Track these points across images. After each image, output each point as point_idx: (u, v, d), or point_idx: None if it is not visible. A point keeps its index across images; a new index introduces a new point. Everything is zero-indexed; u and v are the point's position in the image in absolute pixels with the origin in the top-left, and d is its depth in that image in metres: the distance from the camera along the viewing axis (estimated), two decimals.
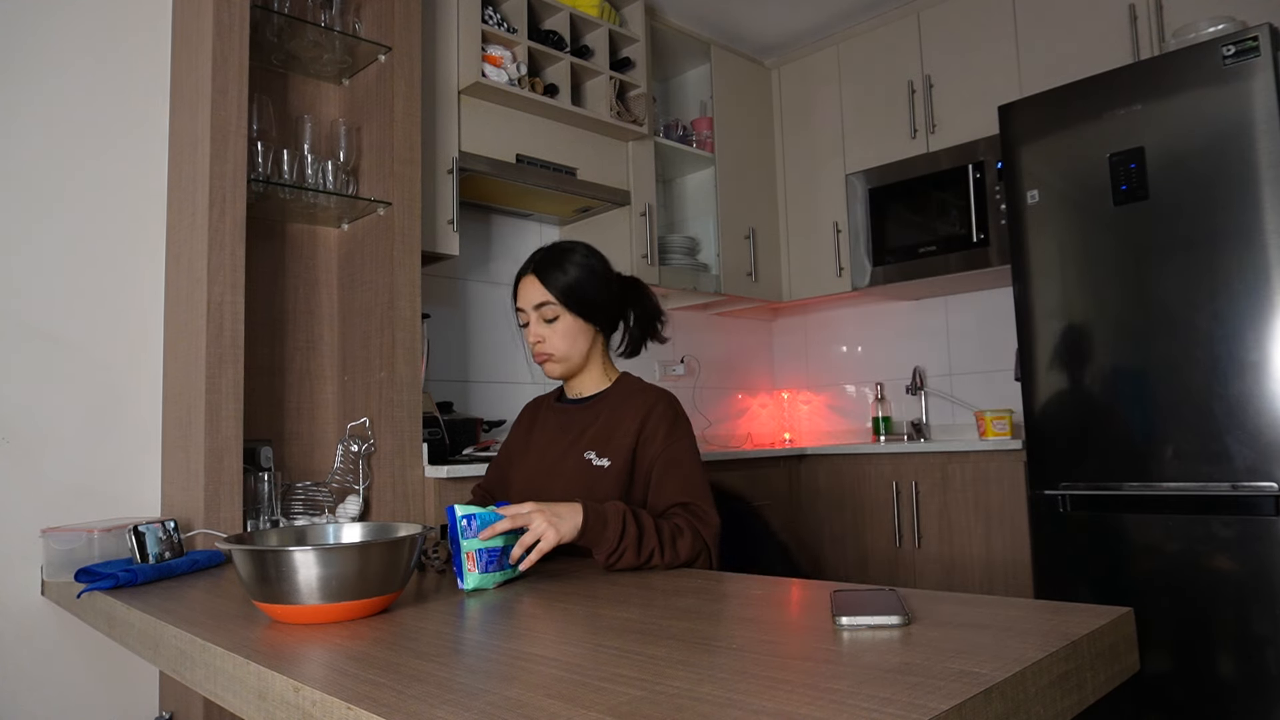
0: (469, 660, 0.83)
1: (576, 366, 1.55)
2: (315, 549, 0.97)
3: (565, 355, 1.52)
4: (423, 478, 2.12)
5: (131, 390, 1.96)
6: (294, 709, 0.77)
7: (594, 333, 1.54)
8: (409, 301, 2.13)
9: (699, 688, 0.68)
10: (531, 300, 1.51)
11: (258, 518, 1.89)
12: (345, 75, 2.32)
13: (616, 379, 1.58)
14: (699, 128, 3.44)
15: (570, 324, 1.50)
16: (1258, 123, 2.08)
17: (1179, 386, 2.16)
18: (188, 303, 1.86)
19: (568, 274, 1.50)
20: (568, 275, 1.50)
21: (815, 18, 3.49)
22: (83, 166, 1.94)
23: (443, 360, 2.81)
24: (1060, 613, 0.86)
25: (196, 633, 0.99)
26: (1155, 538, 2.19)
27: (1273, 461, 2.02)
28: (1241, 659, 2.04)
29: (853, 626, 0.84)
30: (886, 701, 0.62)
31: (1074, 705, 0.74)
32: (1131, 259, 2.26)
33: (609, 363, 1.60)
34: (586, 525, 1.24)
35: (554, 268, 1.50)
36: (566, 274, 1.50)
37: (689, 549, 1.32)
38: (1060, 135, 2.41)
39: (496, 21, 2.65)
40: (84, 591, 1.36)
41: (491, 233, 3.06)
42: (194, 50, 1.91)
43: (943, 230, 3.08)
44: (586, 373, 1.57)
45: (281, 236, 2.21)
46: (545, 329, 1.51)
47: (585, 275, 1.51)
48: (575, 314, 1.50)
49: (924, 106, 3.22)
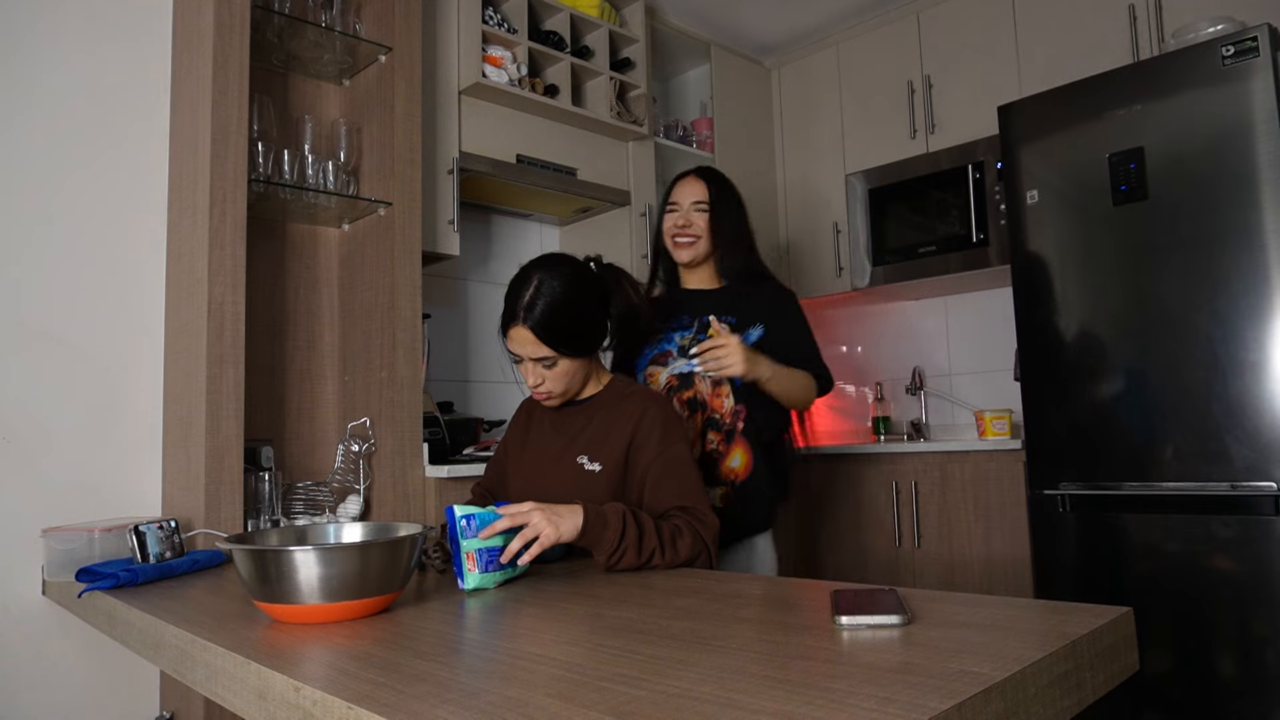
0: (469, 660, 0.83)
1: (576, 393, 1.56)
2: (315, 549, 0.97)
3: (565, 390, 1.52)
4: (423, 477, 2.12)
5: (132, 390, 1.96)
6: (294, 709, 0.77)
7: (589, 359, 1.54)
8: (409, 301, 2.13)
9: (699, 688, 0.68)
10: (528, 353, 1.46)
11: (258, 517, 1.89)
12: (346, 75, 2.32)
13: (608, 382, 1.59)
14: (699, 128, 3.44)
15: (568, 365, 1.49)
16: (1257, 123, 2.08)
17: (1179, 386, 2.16)
18: (188, 302, 1.87)
19: (560, 324, 1.44)
20: (561, 325, 1.44)
21: (815, 18, 3.49)
22: (83, 166, 1.94)
23: (443, 360, 2.81)
24: (1060, 613, 0.87)
25: (197, 632, 0.99)
26: (1155, 538, 2.19)
27: (1272, 461, 2.02)
28: (1241, 659, 2.04)
29: (853, 626, 0.84)
30: (886, 701, 0.62)
31: (1074, 705, 0.74)
32: (1131, 259, 2.26)
33: (600, 367, 1.60)
34: (587, 525, 1.24)
35: (545, 319, 1.43)
36: (559, 324, 1.44)
37: (689, 549, 1.33)
38: (1060, 135, 2.41)
39: (497, 22, 2.65)
40: (85, 591, 1.36)
41: (492, 233, 3.06)
42: (194, 50, 1.92)
43: (942, 230, 3.08)
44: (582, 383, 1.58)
45: (282, 236, 2.21)
46: (544, 373, 1.48)
47: (576, 316, 1.46)
48: (572, 357, 1.48)
49: (924, 107, 3.22)
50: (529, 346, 1.45)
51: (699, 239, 1.88)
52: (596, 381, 1.58)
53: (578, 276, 1.49)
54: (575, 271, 1.50)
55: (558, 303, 1.44)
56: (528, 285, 1.45)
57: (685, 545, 1.32)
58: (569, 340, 1.46)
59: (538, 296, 1.44)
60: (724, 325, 1.77)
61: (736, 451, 1.78)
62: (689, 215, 1.89)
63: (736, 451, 1.78)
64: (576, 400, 1.58)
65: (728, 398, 1.80)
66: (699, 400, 1.81)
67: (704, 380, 1.81)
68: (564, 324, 1.44)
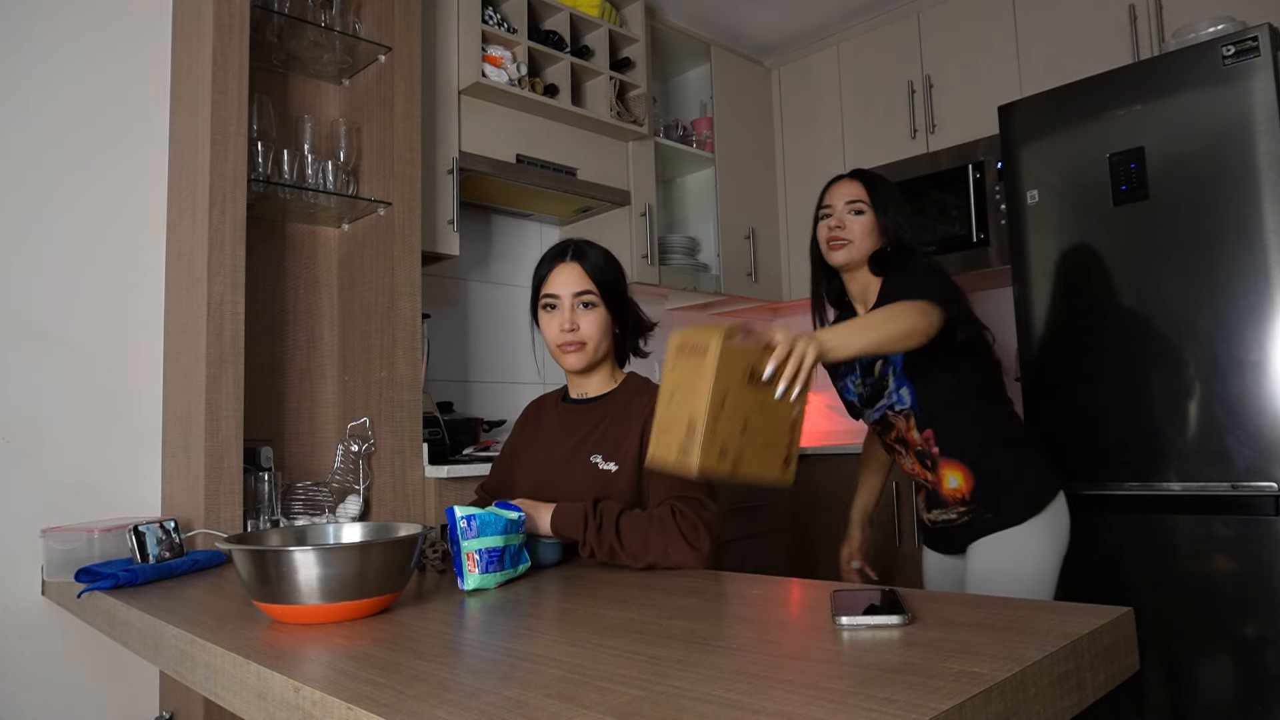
0: (469, 660, 0.83)
1: (597, 361, 1.55)
2: (315, 549, 0.97)
3: (596, 344, 1.52)
4: (423, 478, 2.12)
5: (131, 390, 1.96)
6: (294, 709, 0.77)
7: (614, 332, 1.55)
8: (409, 301, 2.13)
9: (699, 688, 0.68)
10: (572, 287, 1.50)
11: (258, 518, 1.89)
12: (345, 75, 2.32)
13: (623, 380, 1.58)
14: (699, 128, 3.44)
15: (603, 316, 1.51)
16: (1258, 123, 2.08)
17: (1179, 386, 2.16)
18: (188, 302, 1.87)
19: (607, 268, 1.53)
20: (607, 269, 1.53)
21: (815, 18, 3.49)
22: (83, 166, 1.94)
23: (443, 360, 2.81)
24: (1060, 613, 0.86)
25: (197, 633, 0.99)
26: (1155, 538, 2.19)
27: (1273, 461, 2.02)
28: (1241, 659, 2.04)
29: (853, 626, 0.84)
30: (886, 701, 0.62)
31: (1074, 705, 0.74)
32: (1131, 259, 2.26)
33: (616, 365, 1.60)
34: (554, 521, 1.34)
35: (593, 259, 1.52)
36: (605, 267, 1.53)
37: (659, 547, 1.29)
38: (1060, 135, 2.41)
39: (496, 21, 2.65)
40: (84, 591, 1.36)
41: (491, 233, 3.06)
42: (194, 50, 1.92)
43: (943, 230, 3.08)
44: (599, 371, 1.57)
45: (281, 236, 2.21)
46: (580, 316, 1.50)
47: (618, 273, 1.56)
48: (609, 308, 1.52)
49: (924, 106, 3.22)
50: (575, 280, 1.51)
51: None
52: (613, 378, 1.58)
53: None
54: None
55: (604, 253, 1.55)
56: (572, 242, 1.56)
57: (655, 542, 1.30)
58: (611, 286, 1.52)
59: (587, 245, 1.55)
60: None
61: (947, 474, 1.67)
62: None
63: (947, 474, 1.67)
64: (590, 397, 1.57)
65: (913, 430, 1.69)
66: (902, 438, 1.72)
67: (897, 415, 1.70)
68: (609, 271, 1.53)
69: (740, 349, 1.13)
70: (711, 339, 1.10)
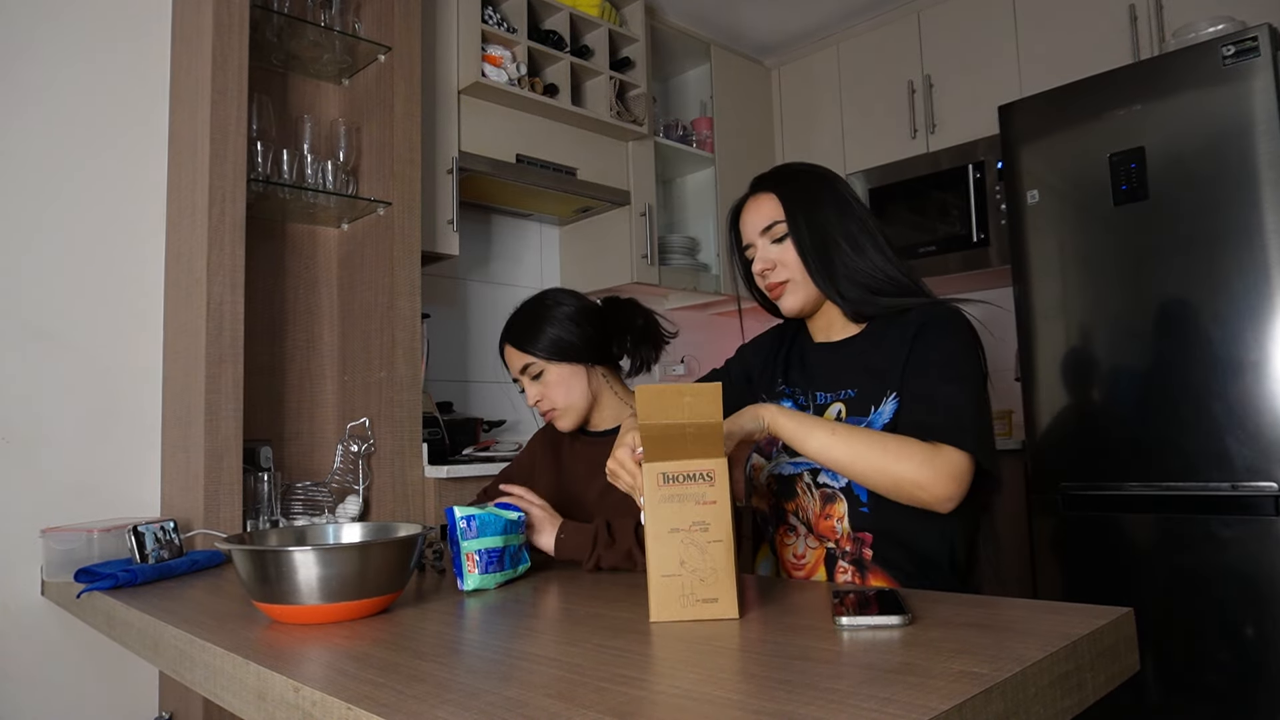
0: (469, 660, 0.83)
1: (584, 409, 1.54)
2: (315, 549, 0.97)
3: (567, 404, 1.52)
4: (423, 478, 2.12)
5: (131, 390, 1.96)
6: (294, 709, 0.77)
7: (585, 370, 1.53)
8: (409, 301, 2.13)
9: (699, 688, 0.68)
10: (516, 367, 1.54)
11: (257, 518, 1.89)
12: (345, 75, 2.32)
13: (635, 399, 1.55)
14: (699, 128, 3.44)
15: (557, 373, 1.51)
16: (1258, 123, 2.08)
17: (1179, 386, 2.16)
18: (187, 302, 1.86)
19: (538, 330, 1.51)
20: (538, 331, 1.51)
21: (815, 18, 3.49)
22: (83, 166, 1.94)
23: (443, 360, 2.81)
24: (1060, 613, 0.86)
25: (196, 633, 0.99)
26: (1155, 538, 2.19)
27: (1273, 461, 2.02)
28: (1241, 659, 2.04)
29: (853, 626, 0.84)
30: (887, 701, 0.62)
31: (1074, 705, 0.74)
32: (1131, 259, 2.26)
33: (622, 390, 1.59)
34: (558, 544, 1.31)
35: (524, 330, 1.53)
36: (537, 330, 1.52)
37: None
38: (1060, 135, 2.41)
39: (496, 21, 2.65)
40: (84, 591, 1.36)
41: (491, 233, 3.06)
42: (194, 50, 1.91)
43: (943, 230, 3.08)
44: (600, 408, 1.56)
45: (281, 236, 2.21)
46: (538, 387, 1.53)
47: (555, 323, 1.52)
48: (558, 361, 1.51)
49: (924, 106, 3.22)
50: (515, 360, 1.53)
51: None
52: (623, 405, 1.56)
53: (562, 293, 1.58)
54: (561, 291, 1.58)
55: (530, 309, 1.55)
56: (516, 309, 1.57)
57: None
58: (548, 345, 1.50)
59: (518, 315, 1.56)
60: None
61: (871, 579, 1.18)
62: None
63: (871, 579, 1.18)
64: (605, 430, 1.56)
65: (840, 520, 1.20)
66: (804, 519, 1.24)
67: (808, 491, 1.23)
68: (541, 331, 1.51)
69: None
70: None
